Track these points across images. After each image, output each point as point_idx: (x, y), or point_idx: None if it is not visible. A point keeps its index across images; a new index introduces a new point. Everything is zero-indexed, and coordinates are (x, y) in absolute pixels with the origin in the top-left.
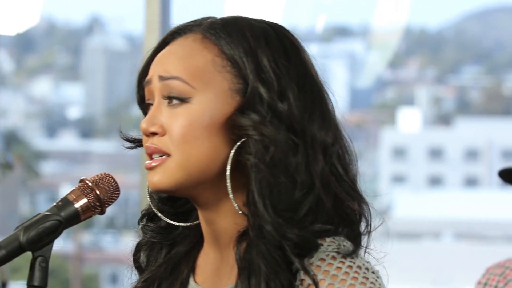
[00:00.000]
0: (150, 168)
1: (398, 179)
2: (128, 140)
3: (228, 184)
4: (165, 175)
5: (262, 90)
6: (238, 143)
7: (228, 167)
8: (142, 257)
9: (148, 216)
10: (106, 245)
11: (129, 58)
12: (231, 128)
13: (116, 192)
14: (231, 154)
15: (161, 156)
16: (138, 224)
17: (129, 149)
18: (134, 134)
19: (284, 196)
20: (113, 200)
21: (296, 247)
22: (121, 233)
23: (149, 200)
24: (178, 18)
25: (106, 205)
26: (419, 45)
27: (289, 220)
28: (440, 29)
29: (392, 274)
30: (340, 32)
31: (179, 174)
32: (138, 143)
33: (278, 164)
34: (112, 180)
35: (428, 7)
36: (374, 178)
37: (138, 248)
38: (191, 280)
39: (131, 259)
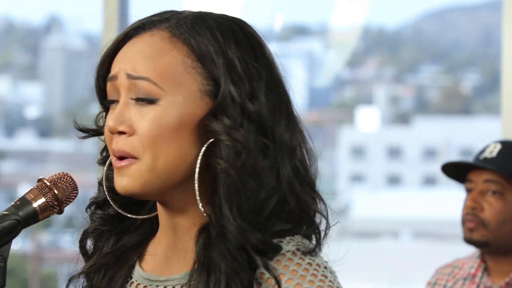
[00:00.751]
0: (119, 168)
1: (357, 179)
2: (81, 130)
3: (196, 187)
4: (135, 179)
5: (234, 93)
6: (205, 146)
7: (197, 170)
8: (89, 244)
9: (96, 204)
10: (65, 245)
11: (88, 58)
12: (203, 131)
13: (75, 192)
14: (199, 157)
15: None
16: (86, 211)
17: (83, 139)
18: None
19: (250, 200)
20: (71, 200)
21: (258, 250)
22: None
23: (103, 189)
24: (137, 17)
25: (64, 205)
26: (377, 44)
27: (253, 223)
28: (398, 28)
29: (350, 273)
30: (298, 31)
31: (148, 177)
32: (92, 132)
33: (248, 169)
34: (70, 180)
35: (386, 7)
36: (332, 178)
37: (85, 236)
38: (137, 267)
39: (77, 245)
